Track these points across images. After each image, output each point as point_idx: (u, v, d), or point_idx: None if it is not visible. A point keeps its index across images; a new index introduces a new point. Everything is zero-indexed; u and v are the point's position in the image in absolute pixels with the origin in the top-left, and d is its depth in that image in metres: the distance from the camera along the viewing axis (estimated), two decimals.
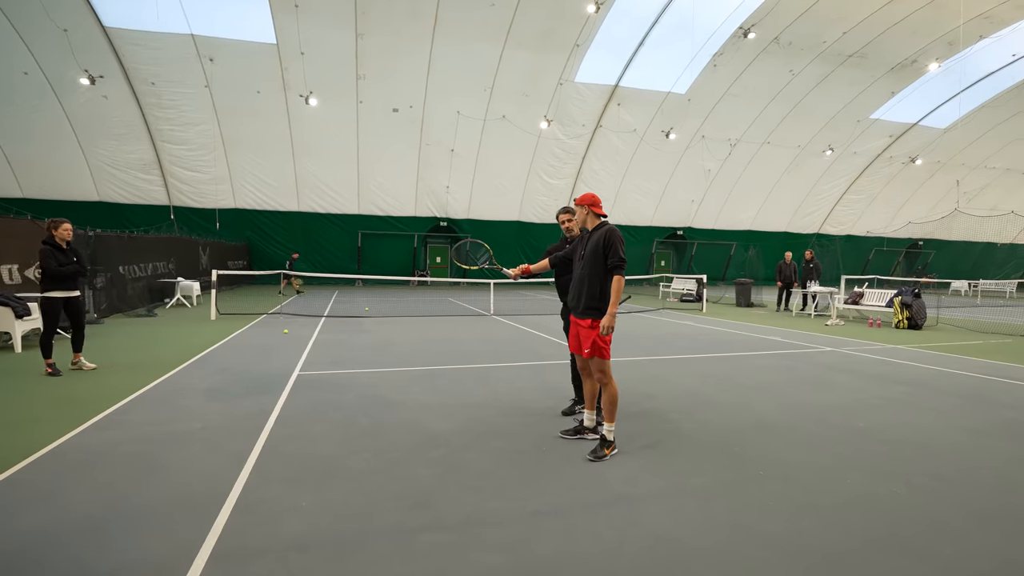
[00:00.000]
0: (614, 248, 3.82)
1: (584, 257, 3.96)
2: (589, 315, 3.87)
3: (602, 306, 3.85)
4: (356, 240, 25.18)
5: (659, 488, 3.24)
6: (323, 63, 20.01)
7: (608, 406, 3.85)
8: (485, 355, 7.78)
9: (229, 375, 6.19)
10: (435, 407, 5.00)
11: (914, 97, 26.72)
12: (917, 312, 11.54)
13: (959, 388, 6.04)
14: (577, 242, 4.19)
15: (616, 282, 3.79)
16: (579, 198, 4.08)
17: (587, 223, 4.08)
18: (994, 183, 33.74)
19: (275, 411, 4.77)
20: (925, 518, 2.90)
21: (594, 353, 3.85)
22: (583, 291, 3.91)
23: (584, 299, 3.90)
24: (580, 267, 3.99)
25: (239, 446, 3.86)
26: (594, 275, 3.87)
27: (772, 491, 3.21)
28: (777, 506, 3.00)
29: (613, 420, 3.84)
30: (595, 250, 3.89)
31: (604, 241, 3.86)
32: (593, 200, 4.05)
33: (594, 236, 3.95)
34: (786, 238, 32.28)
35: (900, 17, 20.87)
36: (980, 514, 2.94)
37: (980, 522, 2.85)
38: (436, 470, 3.49)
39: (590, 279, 3.88)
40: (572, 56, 21.40)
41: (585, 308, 3.89)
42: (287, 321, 11.28)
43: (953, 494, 3.20)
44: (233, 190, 23.25)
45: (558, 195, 27.16)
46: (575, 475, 3.45)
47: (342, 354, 7.69)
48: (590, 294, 3.88)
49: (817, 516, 2.89)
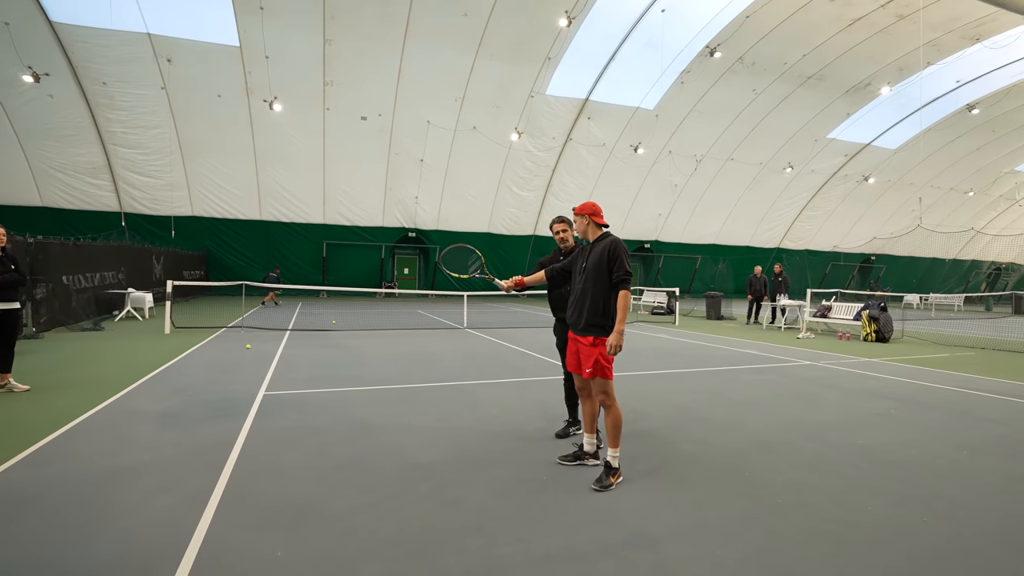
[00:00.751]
0: (620, 261, 3.58)
1: (586, 270, 3.71)
2: (591, 332, 3.61)
3: (605, 323, 3.59)
4: (321, 250, 24.40)
5: (677, 523, 2.97)
6: (289, 68, 19.40)
7: (612, 430, 3.57)
8: (465, 371, 7.42)
9: (185, 397, 5.64)
10: (420, 431, 4.62)
11: (867, 119, 27.94)
12: (884, 325, 11.80)
13: (944, 403, 6.04)
14: (577, 254, 3.94)
15: (623, 298, 3.55)
16: (579, 207, 3.84)
17: (588, 234, 3.83)
18: (939, 202, 35.57)
19: (239, 439, 4.30)
20: (963, 550, 2.72)
21: (596, 373, 3.58)
22: (585, 307, 3.65)
23: (586, 315, 3.64)
24: (581, 281, 3.73)
25: (198, 484, 3.40)
26: (597, 290, 3.62)
27: (796, 523, 2.98)
28: (807, 542, 2.77)
29: (617, 445, 3.57)
30: (598, 263, 3.64)
31: (609, 253, 3.61)
32: (594, 209, 3.81)
33: (596, 248, 3.70)
34: (748, 252, 33.10)
35: (855, 42, 21.78)
36: (1019, 547, 2.78)
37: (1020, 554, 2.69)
38: (428, 508, 3.13)
39: (593, 294, 3.63)
40: (544, 69, 21.43)
41: (587, 325, 3.63)
42: (249, 335, 10.63)
43: (978, 522, 3.05)
44: (190, 197, 22.19)
45: (528, 207, 27.10)
46: (584, 509, 3.14)
47: (312, 371, 7.19)
48: (592, 310, 3.62)
49: (852, 553, 2.67)
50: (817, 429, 4.87)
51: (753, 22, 20.17)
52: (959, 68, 24.26)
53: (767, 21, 20.21)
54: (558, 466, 3.86)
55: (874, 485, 3.56)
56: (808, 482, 3.60)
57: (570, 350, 3.85)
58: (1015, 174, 34.75)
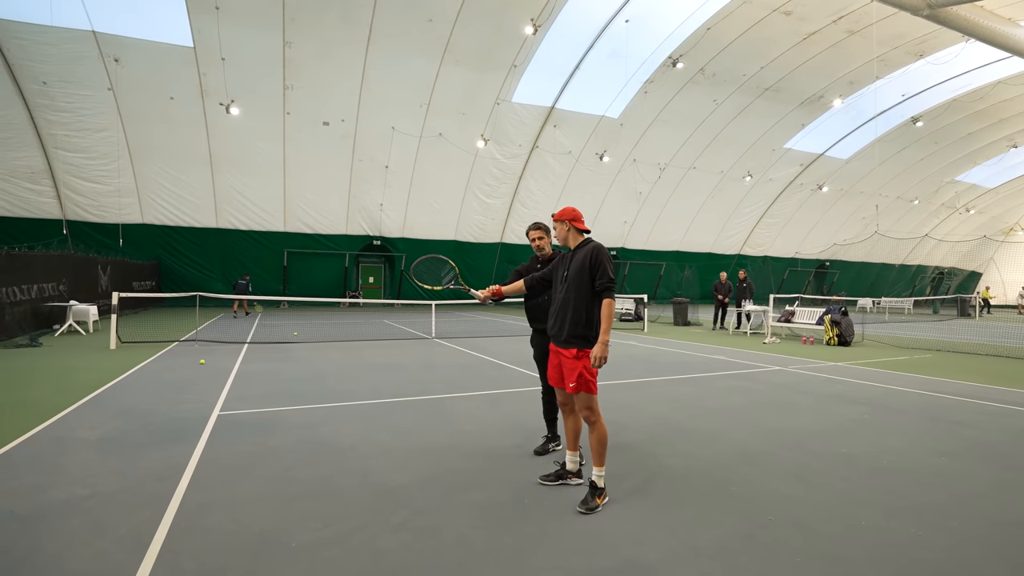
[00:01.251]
0: (603, 268, 3.41)
1: (567, 279, 3.52)
2: (574, 344, 3.42)
3: (589, 334, 3.41)
4: (282, 259, 23.58)
5: (672, 549, 2.79)
6: (246, 70, 18.72)
7: (597, 447, 3.38)
8: (435, 384, 7.13)
9: (130, 419, 5.17)
10: (390, 452, 4.32)
11: (821, 129, 29.01)
12: (846, 329, 12.09)
13: (913, 407, 6.11)
14: (557, 262, 3.75)
15: (607, 306, 3.37)
16: (558, 213, 3.66)
17: (568, 240, 3.65)
18: (887, 210, 37.22)
19: (189, 466, 3.91)
20: (961, 564, 2.63)
21: (580, 388, 3.39)
22: (567, 317, 3.46)
23: (568, 326, 3.45)
24: (563, 290, 3.54)
25: (139, 521, 3.03)
26: (580, 299, 3.44)
27: (792, 543, 2.84)
28: (806, 562, 2.64)
29: (603, 463, 3.38)
30: (580, 271, 3.46)
31: (591, 260, 3.44)
32: (574, 215, 3.64)
33: (578, 255, 3.53)
34: (710, 258, 33.82)
35: (810, 56, 22.57)
36: (1015, 563, 2.72)
37: (1015, 569, 2.62)
38: (404, 540, 2.86)
39: (575, 303, 3.44)
40: (510, 76, 21.38)
41: (570, 336, 3.44)
42: (204, 350, 10.03)
43: (970, 532, 2.98)
44: (140, 204, 21.10)
45: (495, 214, 26.94)
46: (572, 535, 2.93)
47: (272, 387, 6.76)
48: (575, 320, 3.43)
49: (853, 573, 2.54)
50: (798, 438, 4.81)
51: (714, 34, 20.65)
52: (904, 82, 25.46)
53: (727, 33, 20.72)
54: (539, 487, 3.64)
55: (863, 497, 3.47)
56: (797, 495, 3.49)
57: (552, 363, 3.64)
58: (955, 184, 36.69)
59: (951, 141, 31.27)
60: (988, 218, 41.50)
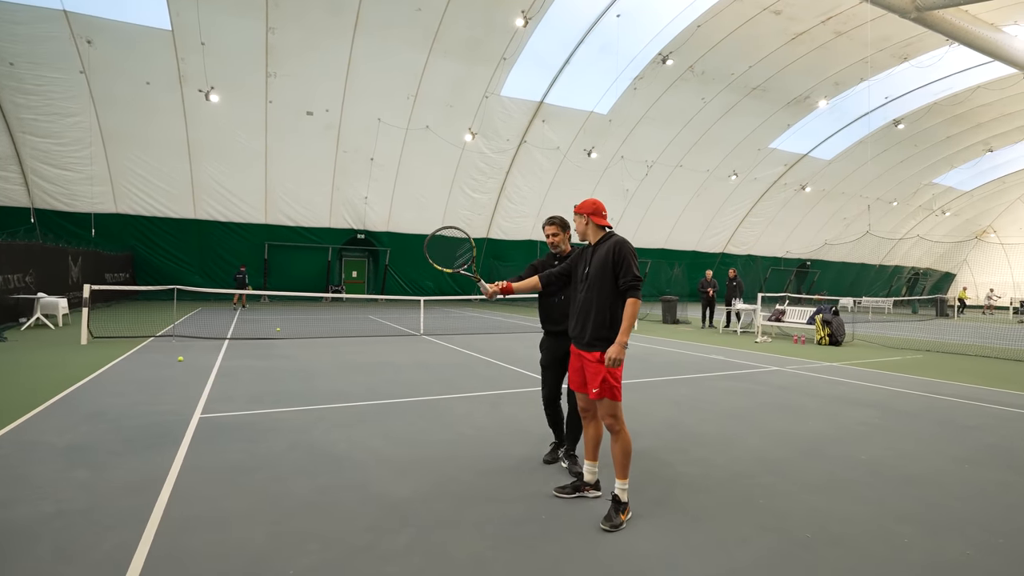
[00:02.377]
0: (627, 264, 3.15)
1: (588, 277, 3.25)
2: (598, 347, 3.17)
3: (612, 336, 3.16)
4: (263, 252, 22.94)
5: (709, 572, 2.55)
6: (227, 56, 18.08)
7: (621, 458, 3.14)
8: (430, 384, 6.83)
9: (103, 423, 4.78)
10: (390, 461, 4.03)
11: (806, 130, 29.25)
12: (837, 329, 12.08)
13: (921, 410, 6.01)
14: (576, 257, 3.48)
15: (631, 306, 3.12)
16: (579, 205, 3.39)
17: (588, 235, 3.38)
18: (866, 211, 37.80)
19: (170, 478, 3.57)
20: None
21: (604, 393, 3.13)
22: (589, 318, 3.21)
23: (591, 328, 3.19)
24: (583, 289, 3.28)
25: (116, 544, 2.69)
26: (602, 298, 3.18)
27: (835, 563, 2.63)
28: None
29: (627, 476, 3.14)
30: (602, 267, 3.20)
31: (614, 256, 3.18)
32: (595, 208, 3.36)
33: (599, 251, 3.26)
34: (695, 257, 33.96)
35: (797, 56, 22.65)
36: None
37: None
38: (413, 565, 2.57)
39: (598, 304, 3.18)
40: (499, 69, 21.05)
41: (592, 339, 3.19)
42: (182, 346, 9.56)
43: (1021, 551, 2.81)
44: (114, 193, 20.31)
45: (482, 209, 26.61)
46: (598, 556, 2.68)
47: (257, 387, 6.39)
48: (598, 322, 3.17)
49: None
50: (813, 443, 4.64)
51: (704, 32, 20.57)
52: (888, 85, 25.74)
53: (717, 32, 20.66)
54: (555, 499, 3.39)
55: (897, 509, 3.29)
56: (828, 508, 3.29)
57: (574, 366, 3.38)
58: (933, 186, 37.40)
59: (930, 144, 31.81)
60: (963, 220, 42.43)
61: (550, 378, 3.98)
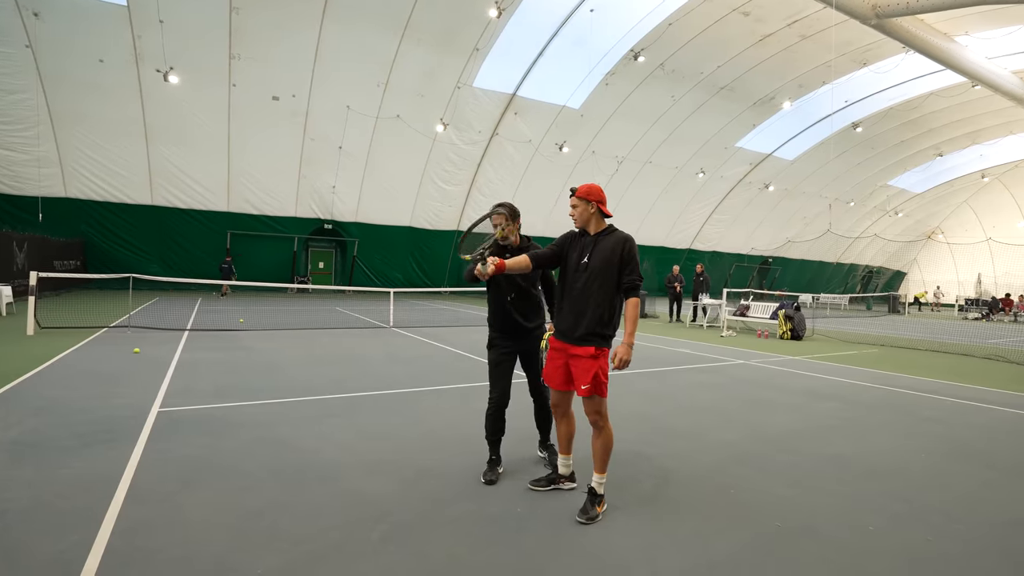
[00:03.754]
0: (634, 263, 3.08)
1: (589, 269, 3.10)
2: (593, 343, 3.06)
3: (608, 332, 3.11)
4: (224, 241, 22.15)
5: (686, 564, 2.57)
6: (188, 36, 17.29)
7: (603, 453, 3.11)
8: (400, 377, 6.71)
9: (51, 417, 4.51)
10: (359, 454, 3.92)
11: (770, 130, 29.99)
12: (798, 324, 12.46)
13: (881, 402, 6.23)
14: (570, 243, 3.24)
15: (634, 306, 3.11)
16: (583, 189, 3.16)
17: (591, 224, 3.20)
18: (826, 210, 39.11)
19: (126, 475, 3.38)
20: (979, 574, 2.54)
21: (594, 390, 3.05)
22: (587, 312, 3.07)
23: (587, 322, 3.07)
24: (582, 280, 3.11)
25: (66, 547, 2.53)
26: (604, 293, 3.08)
27: (808, 553, 2.69)
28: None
29: (606, 470, 3.13)
30: (607, 262, 3.07)
31: (624, 254, 3.08)
32: (601, 196, 3.18)
33: (605, 244, 3.12)
34: (663, 252, 34.49)
35: (764, 58, 23.17)
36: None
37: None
38: (387, 562, 2.50)
39: (598, 298, 3.08)
40: (472, 60, 20.81)
41: (587, 334, 3.07)
42: (138, 337, 9.14)
43: (976, 537, 2.93)
44: (64, 176, 19.24)
45: (452, 201, 26.34)
46: (575, 550, 2.66)
47: (219, 380, 6.15)
48: (596, 316, 3.07)
49: None
50: (781, 436, 4.75)
51: (675, 30, 20.79)
52: (848, 89, 26.61)
53: (687, 30, 20.92)
54: (530, 492, 3.36)
55: (865, 500, 3.38)
56: (798, 499, 3.36)
57: (555, 363, 3.22)
58: (887, 188, 38.95)
59: (886, 147, 33.08)
60: (914, 221, 44.34)
61: (498, 381, 3.61)
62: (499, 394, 3.61)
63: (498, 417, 3.64)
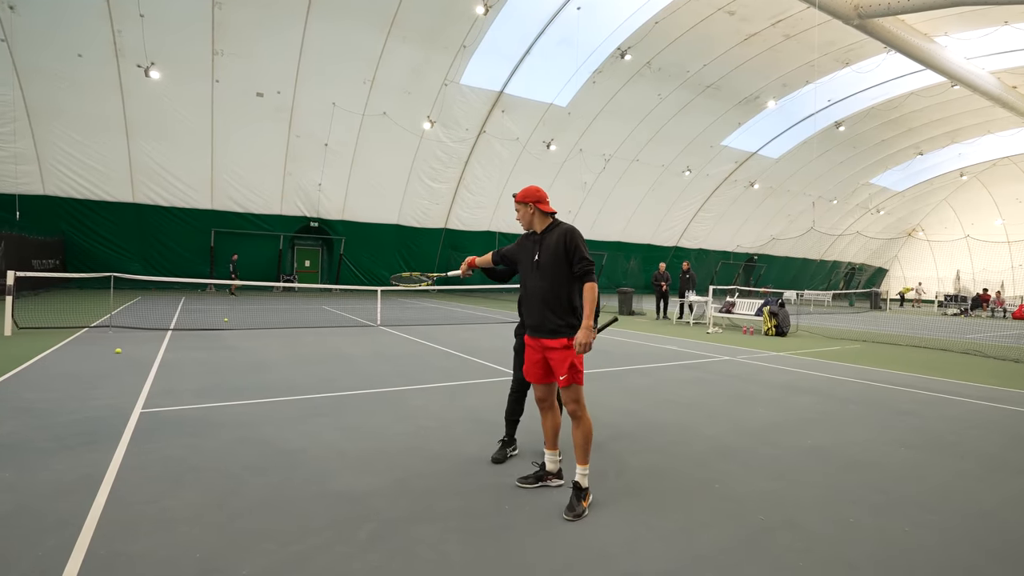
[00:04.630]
0: (579, 251, 3.17)
1: (542, 266, 3.25)
2: (563, 334, 3.18)
3: (574, 321, 3.19)
4: (209, 239, 21.88)
5: (672, 558, 2.60)
6: (170, 31, 17.03)
7: (583, 443, 3.17)
8: (387, 376, 6.69)
9: (30, 419, 4.44)
10: (346, 454, 3.91)
11: (755, 129, 30.28)
12: (783, 320, 12.63)
13: (859, 396, 6.35)
14: (519, 247, 3.47)
15: (589, 290, 3.16)
16: (520, 193, 3.37)
17: (534, 224, 3.37)
18: (809, 208, 39.63)
19: (108, 478, 3.34)
20: (960, 564, 2.61)
21: (571, 380, 3.15)
22: (548, 307, 3.22)
23: (552, 316, 3.21)
24: (536, 278, 3.28)
25: (47, 551, 2.50)
26: (559, 286, 3.20)
27: (791, 547, 2.73)
28: (811, 568, 2.52)
29: (588, 461, 3.17)
30: (555, 256, 3.21)
31: (566, 244, 3.20)
32: (538, 196, 3.35)
33: (549, 240, 3.27)
34: (649, 250, 34.73)
35: (749, 57, 23.38)
36: (999, 553, 2.74)
37: (998, 559, 2.64)
38: (375, 561, 2.50)
39: (555, 291, 3.20)
40: (459, 57, 20.75)
41: (556, 327, 3.20)
42: (120, 338, 9.01)
43: (951, 526, 3.01)
44: (42, 172, 18.87)
45: (440, 199, 26.28)
46: (563, 546, 2.68)
47: (203, 380, 6.09)
48: (557, 309, 3.20)
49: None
50: (763, 430, 4.82)
51: (662, 28, 20.90)
52: (831, 88, 26.95)
53: (674, 29, 21.04)
54: (518, 490, 3.38)
55: (845, 493, 3.45)
56: (781, 492, 3.42)
57: (531, 359, 3.35)
58: (869, 186, 39.56)
59: (869, 146, 33.58)
60: (895, 219, 45.10)
61: (520, 364, 3.88)
62: (517, 378, 3.92)
63: (516, 399, 3.94)
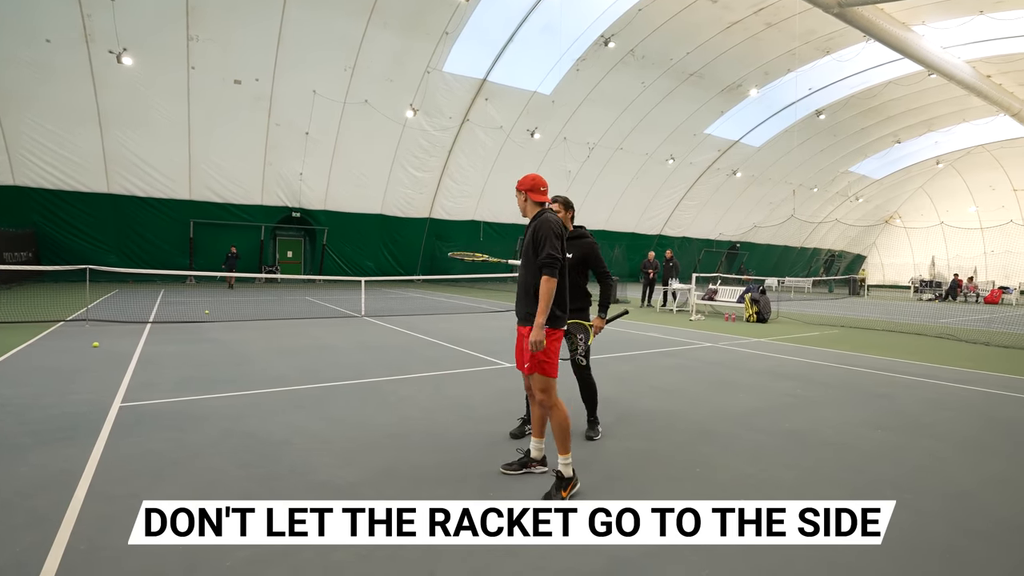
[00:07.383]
0: (544, 241, 3.13)
1: (524, 253, 3.29)
2: (530, 323, 3.18)
3: (559, 312, 3.21)
4: (187, 230, 21.47)
5: (652, 544, 2.65)
6: (142, 15, 16.53)
7: (559, 433, 3.18)
8: (372, 367, 6.67)
9: (5, 415, 4.34)
10: (331, 444, 3.90)
11: (737, 117, 30.46)
12: (764, 307, 12.82)
13: (838, 381, 6.49)
14: None
15: (543, 284, 3.08)
16: (519, 181, 3.36)
17: (527, 212, 3.37)
18: (790, 196, 40.11)
19: (87, 472, 3.30)
20: (932, 543, 2.70)
21: (535, 368, 3.17)
22: (524, 294, 3.27)
23: (525, 303, 3.26)
24: (521, 266, 3.33)
25: (24, 548, 2.46)
26: (530, 275, 3.22)
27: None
28: (794, 550, 2.59)
29: (568, 450, 3.19)
30: (530, 244, 3.22)
31: (535, 233, 3.20)
32: (534, 183, 3.32)
33: (529, 229, 3.29)
34: (633, 238, 34.89)
35: (731, 45, 23.45)
36: (974, 532, 2.83)
37: (976, 537, 2.73)
38: (362, 550, 2.51)
39: (528, 280, 3.23)
40: (441, 44, 20.49)
41: (527, 315, 3.23)
42: (97, 331, 8.84)
43: (927, 507, 3.10)
44: (11, 163, 18.28)
45: (423, 188, 26.06)
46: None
47: (184, 372, 6.01)
48: (529, 299, 3.22)
49: (844, 562, 2.53)
50: (744, 415, 4.91)
51: (645, 15, 20.84)
52: (812, 77, 27.19)
53: (657, 16, 20.99)
54: (502, 476, 3.40)
55: (823, 474, 3.54)
56: (763, 477, 3.50)
57: (517, 346, 3.40)
58: (848, 174, 40.13)
59: (848, 134, 33.99)
60: (873, 206, 45.86)
61: None
62: None
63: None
